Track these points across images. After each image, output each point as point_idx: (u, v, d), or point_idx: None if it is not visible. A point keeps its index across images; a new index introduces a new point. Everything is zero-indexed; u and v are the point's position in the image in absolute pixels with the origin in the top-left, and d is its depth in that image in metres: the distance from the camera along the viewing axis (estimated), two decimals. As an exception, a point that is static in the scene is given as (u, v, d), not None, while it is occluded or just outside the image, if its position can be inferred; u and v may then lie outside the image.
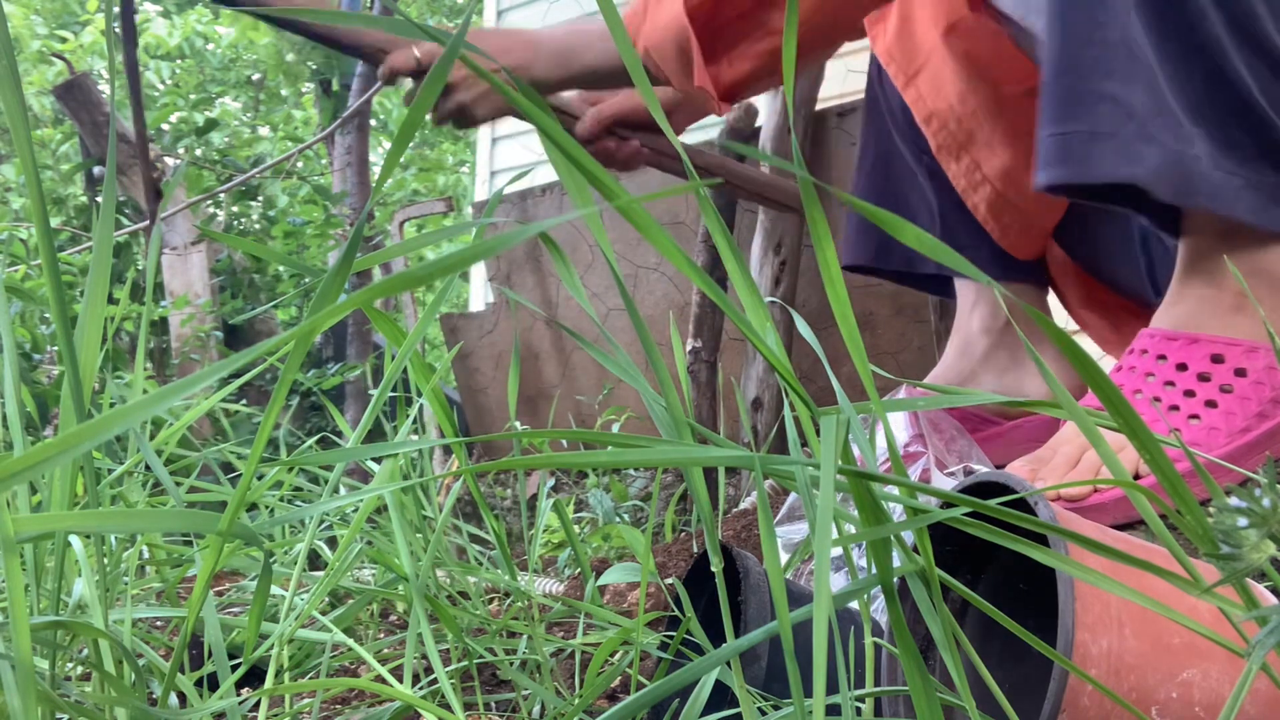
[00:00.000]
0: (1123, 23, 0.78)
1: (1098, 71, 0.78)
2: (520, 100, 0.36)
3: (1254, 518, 0.29)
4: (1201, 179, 0.78)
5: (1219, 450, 0.79)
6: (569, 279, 0.46)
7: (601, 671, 0.62)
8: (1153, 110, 0.78)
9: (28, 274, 3.22)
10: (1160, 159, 0.77)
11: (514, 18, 4.23)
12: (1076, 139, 0.79)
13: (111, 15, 0.45)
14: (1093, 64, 0.79)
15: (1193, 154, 0.78)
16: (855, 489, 0.33)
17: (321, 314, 0.27)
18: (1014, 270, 1.16)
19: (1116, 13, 0.78)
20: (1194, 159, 0.78)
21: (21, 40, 6.69)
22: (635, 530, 1.03)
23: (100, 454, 0.68)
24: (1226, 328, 0.82)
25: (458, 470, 0.37)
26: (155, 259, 0.95)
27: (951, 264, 0.32)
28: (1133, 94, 0.78)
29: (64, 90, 3.50)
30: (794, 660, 0.32)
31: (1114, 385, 0.31)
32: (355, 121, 4.53)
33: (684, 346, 1.78)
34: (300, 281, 3.93)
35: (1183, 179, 0.77)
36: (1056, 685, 0.41)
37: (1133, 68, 0.78)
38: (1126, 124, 0.77)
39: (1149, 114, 0.77)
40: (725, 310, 0.37)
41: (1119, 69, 0.78)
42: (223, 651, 0.56)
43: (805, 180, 0.35)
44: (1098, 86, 0.78)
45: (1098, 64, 0.79)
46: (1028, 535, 0.35)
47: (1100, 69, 0.78)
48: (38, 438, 1.15)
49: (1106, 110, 0.78)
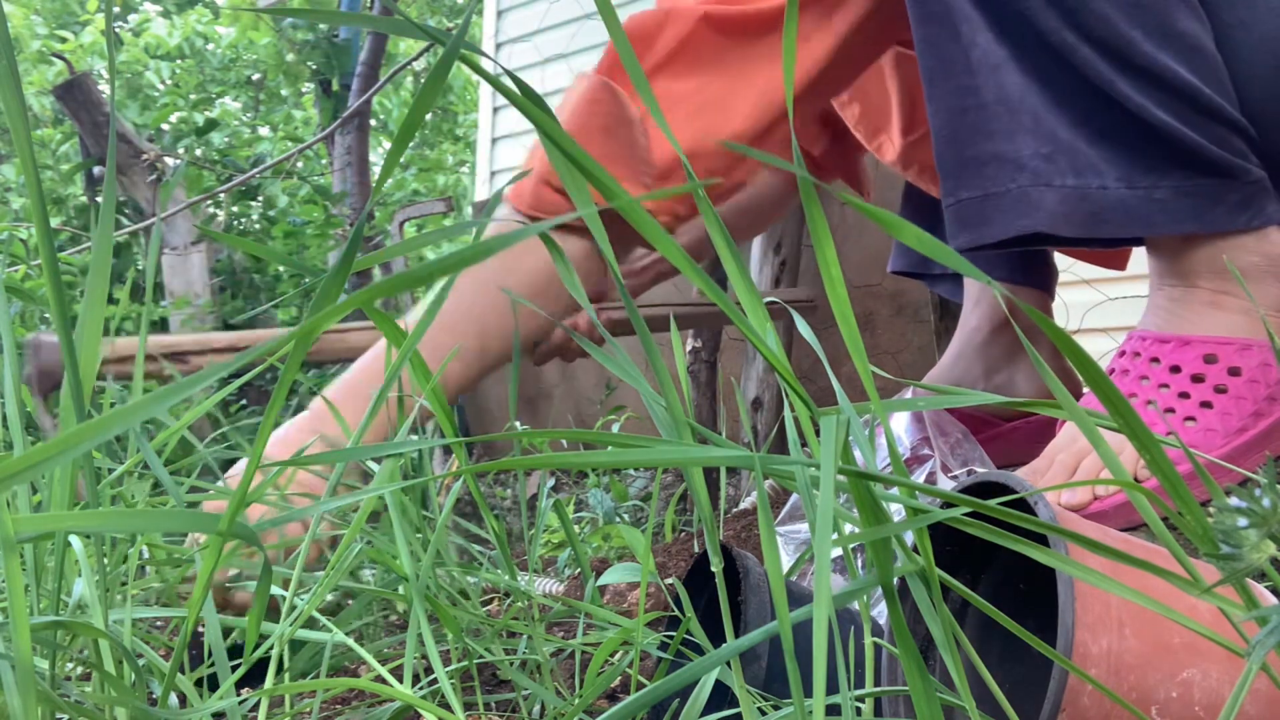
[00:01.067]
0: (995, 81, 0.80)
1: (979, 134, 0.81)
2: (519, 99, 0.36)
3: (1254, 518, 0.29)
4: (1110, 207, 0.79)
5: (1217, 451, 0.79)
6: (569, 279, 0.46)
7: (601, 671, 0.62)
8: (1044, 156, 0.79)
9: (28, 274, 3.22)
10: (1058, 201, 0.79)
11: (514, 18, 4.23)
12: (971, 205, 0.82)
13: (111, 15, 0.45)
14: (972, 129, 0.82)
15: (1098, 185, 0.79)
16: (855, 489, 0.33)
17: (321, 314, 0.27)
18: (1021, 273, 1.16)
19: (987, 73, 0.80)
20: (1099, 190, 0.79)
21: (21, 40, 6.70)
22: (635, 530, 1.03)
23: (100, 454, 0.68)
24: (1205, 324, 0.82)
25: (458, 470, 0.37)
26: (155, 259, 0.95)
27: (951, 264, 0.32)
28: (1019, 146, 0.80)
29: (64, 90, 3.50)
30: (794, 660, 0.32)
31: (1114, 386, 0.31)
32: (355, 121, 4.53)
33: (684, 346, 1.78)
34: (300, 281, 3.93)
35: (1087, 213, 0.79)
36: (1056, 685, 0.41)
37: (1014, 121, 0.80)
38: (1017, 177, 0.80)
39: (1040, 161, 0.79)
40: (725, 310, 0.37)
41: (999, 127, 0.80)
42: (223, 651, 0.56)
43: (805, 180, 0.35)
44: (980, 149, 0.81)
45: (977, 128, 0.81)
46: (1028, 535, 0.35)
47: (980, 132, 0.81)
48: (38, 438, 1.15)
49: (993, 170, 0.81)
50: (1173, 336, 0.82)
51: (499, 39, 4.28)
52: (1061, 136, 0.79)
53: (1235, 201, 0.79)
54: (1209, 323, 0.81)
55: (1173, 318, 0.83)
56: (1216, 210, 0.79)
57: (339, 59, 4.93)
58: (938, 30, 0.82)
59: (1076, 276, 1.19)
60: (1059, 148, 0.79)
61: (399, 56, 6.66)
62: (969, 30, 0.80)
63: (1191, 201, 0.79)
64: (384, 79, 4.40)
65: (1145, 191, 0.79)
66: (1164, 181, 0.79)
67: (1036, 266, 1.17)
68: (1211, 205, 0.79)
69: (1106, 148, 0.79)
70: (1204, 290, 0.82)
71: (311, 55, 4.98)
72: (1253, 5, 0.79)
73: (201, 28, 7.29)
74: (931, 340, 1.73)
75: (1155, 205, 0.79)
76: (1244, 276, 0.80)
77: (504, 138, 4.25)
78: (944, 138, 0.83)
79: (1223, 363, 0.80)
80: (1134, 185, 0.79)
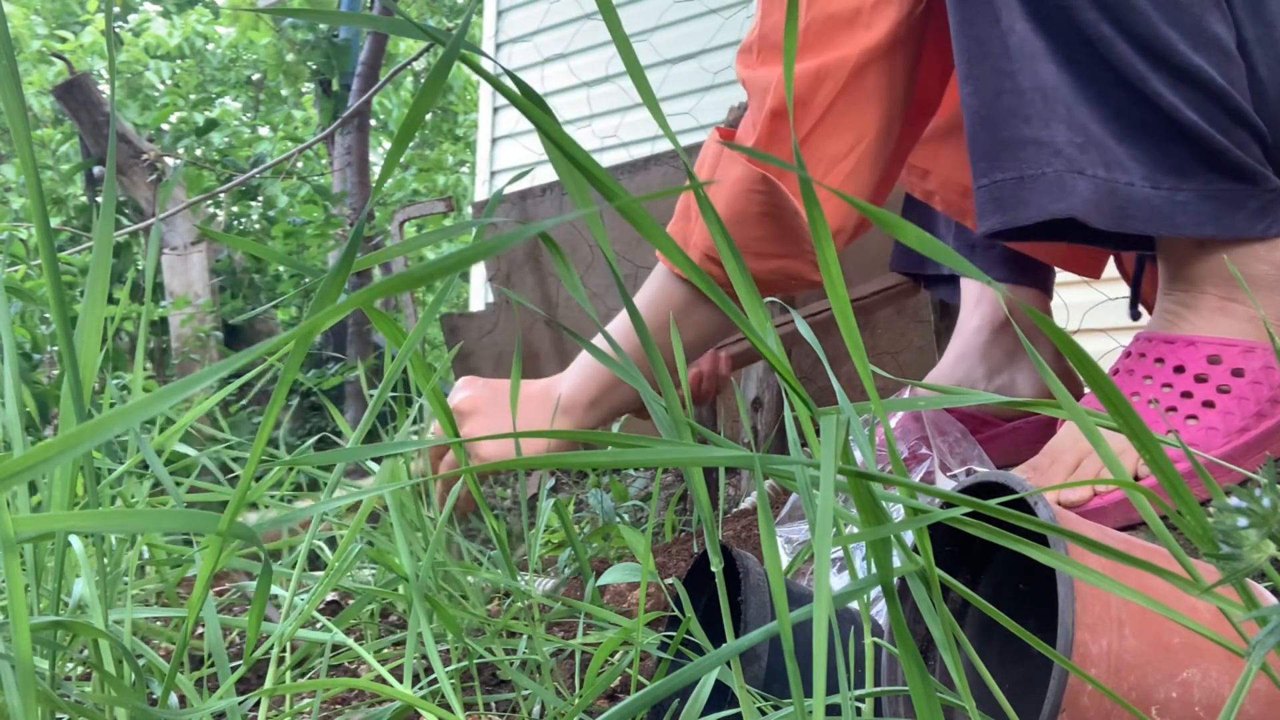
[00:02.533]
0: (1032, 69, 0.80)
1: (1015, 119, 0.81)
2: (519, 99, 0.36)
3: (1254, 518, 0.29)
4: (1136, 204, 0.79)
5: (1218, 450, 0.79)
6: (569, 279, 0.46)
7: (601, 671, 0.62)
8: (1078, 145, 0.79)
9: (28, 274, 3.22)
10: (1091, 190, 0.79)
11: (514, 17, 4.23)
12: (1006, 186, 0.82)
13: (111, 15, 0.45)
14: (1008, 113, 0.81)
15: (1125, 181, 0.79)
16: (855, 489, 0.33)
17: (321, 314, 0.27)
18: (1020, 274, 1.16)
19: (1024, 60, 0.80)
20: (1127, 186, 0.79)
21: (21, 40, 6.69)
22: (635, 530, 1.03)
23: (100, 454, 0.68)
24: (1211, 328, 0.82)
25: (458, 470, 0.37)
26: (155, 259, 0.95)
27: (951, 264, 0.32)
28: (1054, 134, 0.80)
29: (64, 90, 3.50)
30: (794, 660, 0.32)
31: (1114, 386, 0.31)
32: (355, 121, 4.53)
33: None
34: (300, 281, 3.93)
35: (1115, 206, 0.79)
36: (1056, 685, 0.41)
37: (1049, 109, 0.80)
38: (1053, 162, 0.80)
39: (1074, 150, 0.79)
40: (725, 310, 0.37)
41: (1035, 113, 0.80)
42: (222, 651, 0.56)
43: (805, 180, 0.35)
44: (1017, 133, 0.81)
45: (1014, 112, 0.81)
46: (1028, 535, 0.35)
47: (1017, 116, 0.81)
48: (38, 438, 1.15)
49: (1030, 154, 0.80)
50: (1178, 337, 0.83)
51: (499, 39, 4.28)
52: (1093, 130, 0.79)
53: (1255, 209, 0.80)
54: (1215, 326, 0.82)
55: (1180, 320, 0.84)
56: (1236, 216, 0.80)
57: (339, 59, 4.93)
58: (976, 11, 0.82)
59: (1076, 276, 1.19)
60: (1091, 139, 0.80)
61: (399, 56, 6.66)
62: (1008, 16, 0.80)
63: (1213, 205, 0.79)
64: (384, 79, 4.40)
65: (1168, 193, 0.79)
66: (1186, 184, 0.79)
67: (1034, 266, 1.17)
68: (1232, 210, 0.80)
69: (1134, 145, 0.79)
70: (1212, 297, 0.83)
71: (311, 55, 4.98)
72: (1271, 24, 0.80)
73: (201, 28, 7.30)
74: (931, 340, 1.73)
75: (1178, 207, 0.79)
76: (1253, 284, 0.81)
77: (504, 138, 4.25)
78: (979, 119, 0.83)
79: (1226, 364, 0.80)
80: (1158, 185, 0.79)
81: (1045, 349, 1.15)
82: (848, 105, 0.93)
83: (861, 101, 0.93)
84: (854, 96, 0.93)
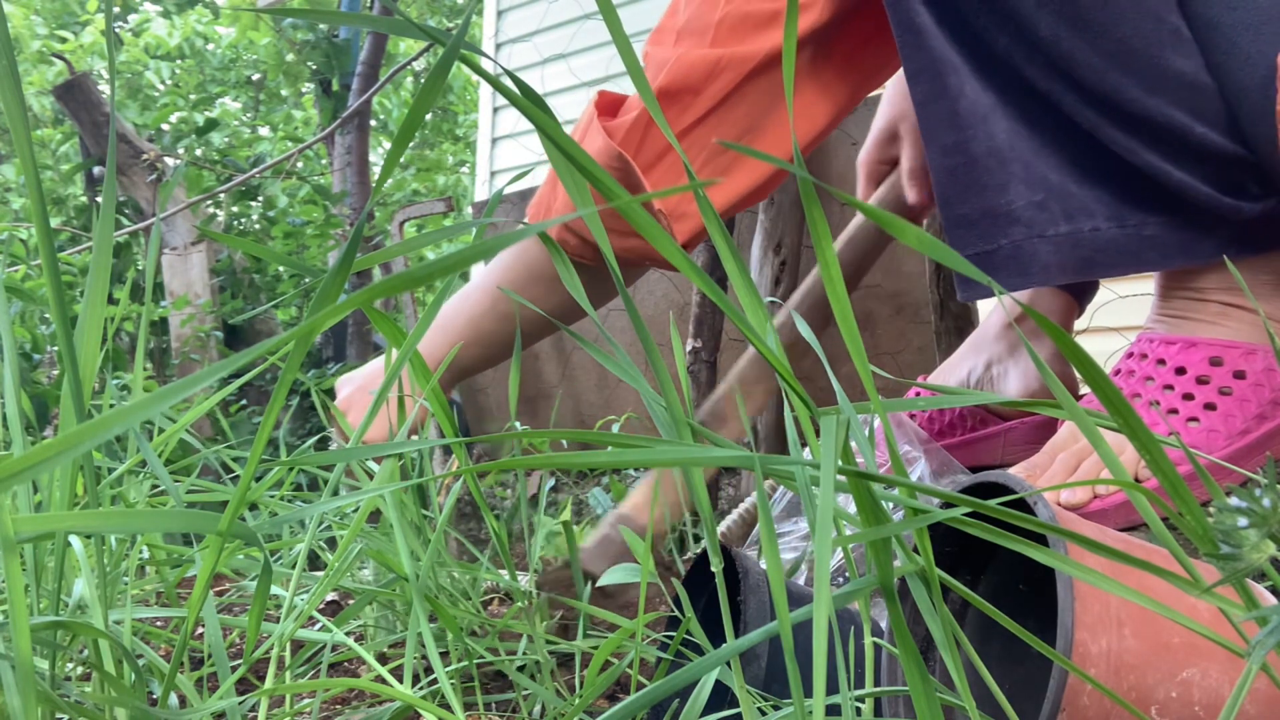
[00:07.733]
0: (985, 131, 0.81)
1: (970, 191, 0.82)
2: (519, 99, 0.36)
3: (1254, 518, 0.29)
4: (1101, 249, 0.80)
5: (1219, 452, 0.79)
6: (569, 279, 0.46)
7: (602, 672, 0.62)
8: (1037, 205, 0.80)
9: (28, 274, 3.22)
10: (1052, 252, 0.80)
11: (514, 17, 4.23)
12: (972, 259, 0.83)
13: (111, 15, 0.45)
14: (963, 187, 0.83)
15: (1090, 227, 0.80)
16: (855, 489, 0.33)
17: (321, 314, 0.27)
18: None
19: (975, 123, 0.81)
20: (1092, 232, 0.80)
21: (21, 40, 6.69)
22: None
23: (100, 454, 0.68)
24: (1213, 330, 0.82)
25: (458, 470, 0.37)
26: (155, 259, 0.95)
27: (951, 264, 0.32)
28: (1012, 197, 0.81)
29: (64, 90, 3.50)
30: (794, 660, 0.32)
31: (1114, 386, 0.31)
32: (355, 121, 4.53)
33: (684, 346, 1.78)
34: (300, 281, 3.93)
35: (1080, 258, 0.81)
36: (1056, 685, 0.41)
37: (1005, 171, 0.81)
38: (1010, 231, 0.81)
39: (1033, 210, 0.80)
40: (725, 310, 0.37)
41: (990, 181, 0.81)
42: (222, 651, 0.56)
43: (805, 180, 0.35)
44: (974, 206, 0.82)
45: (969, 184, 0.82)
46: (1027, 535, 0.35)
47: (972, 188, 0.82)
48: (38, 438, 1.15)
49: (986, 226, 0.82)
50: (1179, 339, 0.83)
51: (499, 39, 4.28)
52: (1052, 180, 0.80)
53: (1226, 236, 0.79)
54: (1217, 329, 0.82)
55: (1182, 322, 0.84)
56: (1205, 244, 0.79)
57: (339, 59, 4.93)
58: (928, 86, 0.83)
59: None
60: (1051, 192, 0.80)
61: (399, 56, 6.67)
62: (956, 81, 0.81)
63: (1180, 236, 0.79)
64: (384, 79, 4.40)
65: (1135, 229, 0.79)
66: (1153, 217, 0.79)
67: None
68: (1201, 239, 0.79)
69: (1096, 188, 0.80)
70: (1214, 303, 0.83)
71: (311, 55, 4.99)
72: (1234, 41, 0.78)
73: (201, 28, 7.30)
74: (932, 340, 1.73)
75: (1145, 242, 0.79)
76: (1256, 291, 0.81)
77: (504, 138, 4.25)
78: (940, 197, 0.85)
79: (1228, 366, 0.80)
80: (1124, 224, 0.79)
81: (1050, 349, 1.14)
82: (739, 100, 0.94)
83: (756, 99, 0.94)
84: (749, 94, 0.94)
